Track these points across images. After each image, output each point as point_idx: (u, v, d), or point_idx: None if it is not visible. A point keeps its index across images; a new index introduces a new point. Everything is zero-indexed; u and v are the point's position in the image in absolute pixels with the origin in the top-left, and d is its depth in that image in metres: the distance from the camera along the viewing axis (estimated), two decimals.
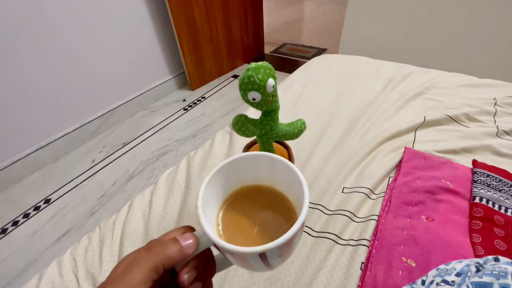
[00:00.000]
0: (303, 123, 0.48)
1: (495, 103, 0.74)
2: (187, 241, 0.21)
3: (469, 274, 0.29)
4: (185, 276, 0.20)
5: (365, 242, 0.45)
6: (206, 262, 0.23)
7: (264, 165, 0.25)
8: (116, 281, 0.18)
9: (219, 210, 0.25)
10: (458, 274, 0.30)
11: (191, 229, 0.23)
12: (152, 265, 0.19)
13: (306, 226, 0.49)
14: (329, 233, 0.47)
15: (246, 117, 0.43)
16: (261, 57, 2.41)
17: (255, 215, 0.25)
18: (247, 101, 0.40)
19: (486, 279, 0.26)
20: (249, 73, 0.37)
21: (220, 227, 0.24)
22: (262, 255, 0.19)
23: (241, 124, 0.42)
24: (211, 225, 0.22)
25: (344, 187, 0.55)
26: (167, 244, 0.20)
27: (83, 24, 1.33)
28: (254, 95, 0.38)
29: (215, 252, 0.23)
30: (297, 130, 0.48)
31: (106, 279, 0.19)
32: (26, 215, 1.15)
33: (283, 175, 0.24)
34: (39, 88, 1.27)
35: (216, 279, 0.42)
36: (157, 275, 0.19)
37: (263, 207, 0.25)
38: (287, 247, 0.20)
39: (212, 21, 1.84)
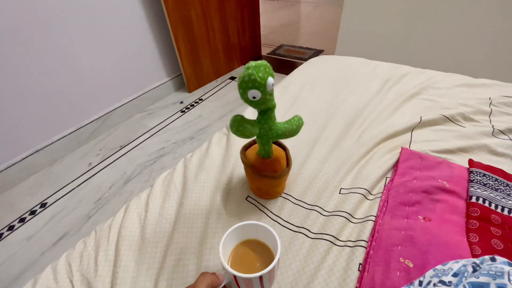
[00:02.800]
0: (300, 119, 0.48)
1: (491, 103, 0.75)
2: (220, 276, 0.36)
3: (466, 274, 0.29)
4: None
5: (362, 243, 0.45)
6: None
7: (255, 228, 0.39)
8: None
9: (230, 253, 0.40)
10: (455, 275, 0.30)
11: (214, 274, 0.36)
12: (209, 282, 0.33)
13: (304, 227, 0.49)
14: (326, 234, 0.47)
15: (242, 117, 0.43)
16: (258, 58, 2.39)
17: (251, 255, 0.39)
18: (246, 100, 0.40)
19: (482, 279, 0.26)
20: (250, 71, 0.37)
21: (229, 263, 0.38)
22: (260, 278, 0.34)
23: (238, 125, 0.42)
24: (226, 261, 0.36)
25: (341, 188, 0.55)
26: (212, 275, 0.35)
27: (80, 27, 1.33)
28: (255, 93, 0.38)
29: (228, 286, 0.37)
30: (295, 126, 0.47)
31: None
32: (22, 220, 1.14)
33: (265, 234, 0.39)
34: (36, 91, 1.26)
35: None
36: None
37: (254, 251, 0.40)
38: (272, 273, 0.35)
39: (209, 23, 1.84)
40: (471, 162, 0.56)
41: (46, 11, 1.19)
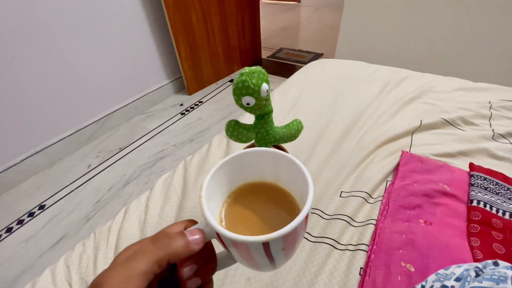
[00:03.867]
0: (299, 123, 0.47)
1: (490, 107, 0.75)
2: (194, 236, 0.20)
3: (468, 279, 0.28)
4: (185, 270, 0.20)
5: (363, 247, 0.45)
6: (206, 257, 0.22)
7: (269, 161, 0.25)
8: (118, 267, 0.18)
9: (222, 206, 0.25)
10: (457, 279, 0.29)
11: (194, 222, 0.22)
12: (156, 258, 0.18)
13: None
14: (327, 238, 0.47)
15: (236, 122, 0.43)
16: (258, 61, 2.42)
17: (258, 210, 0.25)
18: (241, 106, 0.40)
19: (486, 284, 0.26)
20: (243, 78, 0.37)
21: (223, 223, 0.24)
22: (266, 246, 0.19)
23: (232, 129, 0.42)
24: (214, 218, 0.21)
25: (342, 191, 0.55)
26: (174, 238, 0.19)
27: (80, 29, 1.33)
28: (248, 100, 0.38)
29: (217, 249, 0.23)
30: (294, 130, 0.47)
31: (109, 266, 0.19)
32: (20, 222, 1.13)
33: (288, 171, 0.24)
34: (35, 93, 1.26)
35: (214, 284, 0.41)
36: (159, 269, 0.18)
37: (266, 204, 0.25)
38: (291, 239, 0.20)
39: (209, 26, 1.84)
40: (471, 165, 0.56)
41: (46, 14, 1.20)
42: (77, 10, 1.29)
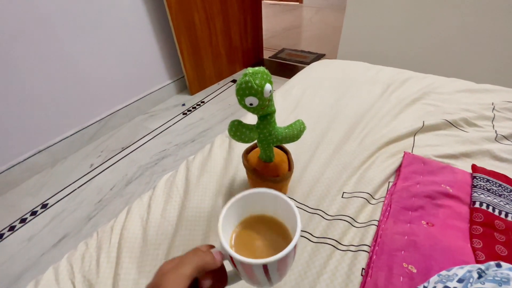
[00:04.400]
0: (302, 123, 0.48)
1: (493, 108, 0.75)
2: (217, 255, 0.27)
3: (471, 280, 0.28)
4: (205, 282, 0.26)
5: (365, 248, 0.45)
6: (220, 275, 0.28)
7: (270, 200, 0.31)
8: (170, 273, 0.23)
9: (232, 234, 0.31)
10: (460, 280, 0.29)
11: (213, 247, 0.28)
12: (196, 266, 0.24)
13: (306, 231, 0.49)
14: (329, 238, 0.47)
15: (239, 122, 0.43)
16: (260, 62, 2.42)
17: (260, 238, 0.31)
18: (244, 106, 0.40)
19: (488, 285, 0.26)
20: (247, 78, 0.37)
21: (233, 248, 0.30)
22: (265, 267, 0.25)
23: (235, 129, 0.43)
24: (227, 244, 0.27)
25: (344, 192, 0.55)
26: (206, 253, 0.26)
27: (83, 29, 1.34)
28: (252, 100, 0.38)
29: (227, 268, 0.29)
30: (296, 131, 0.47)
31: (155, 274, 0.24)
32: (23, 220, 1.14)
33: (283, 209, 0.30)
34: (38, 93, 1.26)
35: None
36: (198, 274, 0.24)
37: (267, 232, 0.32)
38: (283, 263, 0.26)
39: (212, 27, 1.85)
40: (474, 167, 0.56)
41: (51, 14, 1.21)
42: (81, 11, 1.30)
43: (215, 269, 0.26)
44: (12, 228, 1.11)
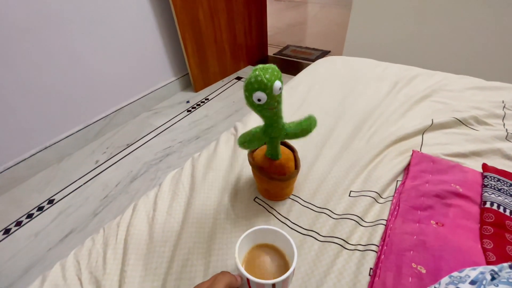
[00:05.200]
0: (314, 120, 0.46)
1: (504, 106, 0.73)
2: (238, 277, 0.36)
3: (484, 282, 0.28)
4: None
5: (373, 247, 0.44)
6: None
7: (272, 234, 0.40)
8: None
9: (243, 259, 0.39)
10: (472, 282, 0.29)
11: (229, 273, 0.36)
12: (226, 283, 0.33)
13: (312, 230, 0.48)
14: (336, 237, 0.47)
15: (244, 137, 0.46)
16: (264, 59, 2.41)
17: (265, 261, 0.39)
18: (251, 104, 0.39)
19: (502, 287, 0.26)
20: (257, 72, 0.36)
21: (246, 270, 0.37)
22: (273, 286, 0.34)
23: (243, 146, 0.47)
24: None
25: (351, 191, 0.54)
26: (231, 275, 0.35)
27: (89, 26, 1.34)
28: (260, 95, 0.37)
29: None
30: (305, 126, 0.45)
31: None
32: (30, 216, 1.15)
33: (283, 241, 0.39)
34: (45, 89, 1.27)
35: None
36: None
37: (269, 257, 0.40)
38: (286, 282, 0.35)
39: (216, 24, 1.84)
40: (484, 166, 0.55)
41: (57, 12, 1.21)
42: (87, 8, 1.30)
43: None
44: (19, 223, 1.12)
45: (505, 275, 0.28)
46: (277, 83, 0.37)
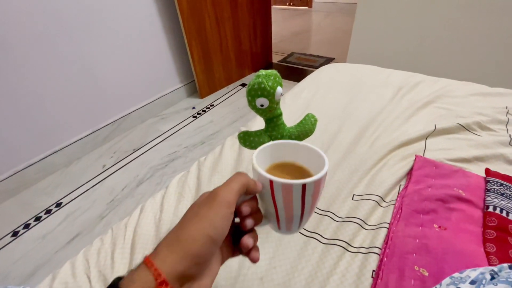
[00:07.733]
0: (312, 116, 0.46)
1: (507, 112, 0.74)
2: (258, 182, 0.30)
3: (483, 281, 0.28)
4: (244, 207, 0.28)
5: (376, 250, 0.45)
6: (256, 208, 0.31)
7: (289, 149, 0.35)
8: (222, 187, 0.27)
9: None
10: (472, 282, 0.29)
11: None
12: (243, 183, 0.27)
13: (316, 232, 0.49)
14: (339, 240, 0.47)
15: (245, 132, 0.45)
16: (269, 66, 2.44)
17: (287, 177, 0.30)
18: (254, 107, 0.41)
19: (501, 286, 0.26)
20: (260, 79, 0.38)
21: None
22: (303, 188, 0.27)
23: (244, 140, 0.45)
24: None
25: (354, 194, 0.55)
26: (249, 177, 0.29)
27: (98, 34, 1.38)
28: (263, 101, 0.39)
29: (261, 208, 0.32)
30: (307, 126, 0.46)
31: (208, 193, 0.28)
32: (38, 218, 1.17)
33: (304, 153, 0.34)
34: (55, 95, 1.31)
35: (227, 283, 0.42)
36: (242, 192, 0.27)
37: (290, 172, 0.34)
38: (318, 186, 0.29)
39: (222, 32, 1.88)
40: (487, 171, 0.55)
41: (68, 20, 1.25)
42: (96, 16, 1.34)
43: (253, 197, 0.30)
44: (27, 226, 1.14)
45: (505, 274, 0.28)
46: (279, 89, 0.39)
